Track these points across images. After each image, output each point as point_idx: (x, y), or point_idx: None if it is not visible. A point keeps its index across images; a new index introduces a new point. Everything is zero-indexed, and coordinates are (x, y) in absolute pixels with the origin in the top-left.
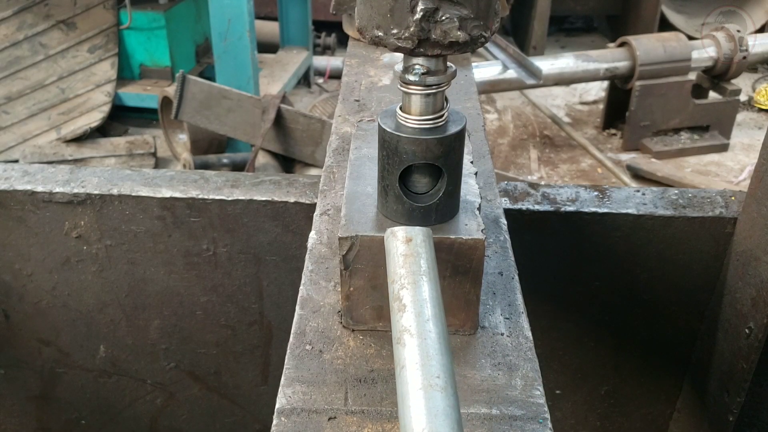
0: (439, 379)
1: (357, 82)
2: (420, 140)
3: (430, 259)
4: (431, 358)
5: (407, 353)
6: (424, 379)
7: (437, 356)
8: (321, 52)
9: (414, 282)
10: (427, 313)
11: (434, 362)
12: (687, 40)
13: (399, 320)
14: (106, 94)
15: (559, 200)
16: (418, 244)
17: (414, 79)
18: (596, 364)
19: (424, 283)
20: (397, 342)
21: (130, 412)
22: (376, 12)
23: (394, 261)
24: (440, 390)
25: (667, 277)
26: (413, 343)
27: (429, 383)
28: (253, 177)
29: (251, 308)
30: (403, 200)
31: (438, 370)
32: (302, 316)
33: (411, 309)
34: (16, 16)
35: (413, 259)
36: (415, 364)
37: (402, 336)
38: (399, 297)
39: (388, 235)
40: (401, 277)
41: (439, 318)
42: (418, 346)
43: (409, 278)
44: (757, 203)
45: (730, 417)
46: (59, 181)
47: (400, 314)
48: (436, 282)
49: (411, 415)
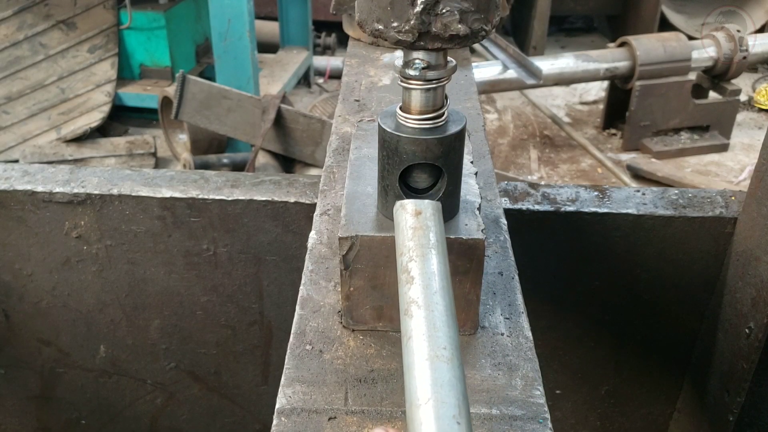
0: (446, 350)
1: (357, 82)
2: (420, 140)
3: (439, 233)
4: (438, 329)
5: (414, 324)
6: (431, 350)
7: (444, 328)
8: (321, 52)
9: (422, 255)
10: (435, 285)
11: (441, 334)
12: (687, 40)
13: (407, 292)
14: (106, 94)
15: (559, 200)
16: (428, 217)
17: (414, 74)
18: (596, 364)
19: (433, 256)
20: (405, 313)
21: (130, 412)
22: (377, 5)
23: (403, 234)
24: (446, 361)
25: (667, 277)
26: (420, 315)
27: (435, 354)
28: (253, 177)
29: (251, 308)
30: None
31: (444, 341)
32: (302, 316)
33: (419, 281)
34: (16, 16)
35: (422, 232)
36: (421, 335)
37: (409, 307)
38: (407, 269)
39: (397, 208)
40: (410, 250)
41: (447, 290)
42: (425, 317)
43: (417, 251)
44: (757, 203)
45: (730, 417)
46: (59, 181)
47: (408, 286)
48: (444, 255)
49: (416, 385)
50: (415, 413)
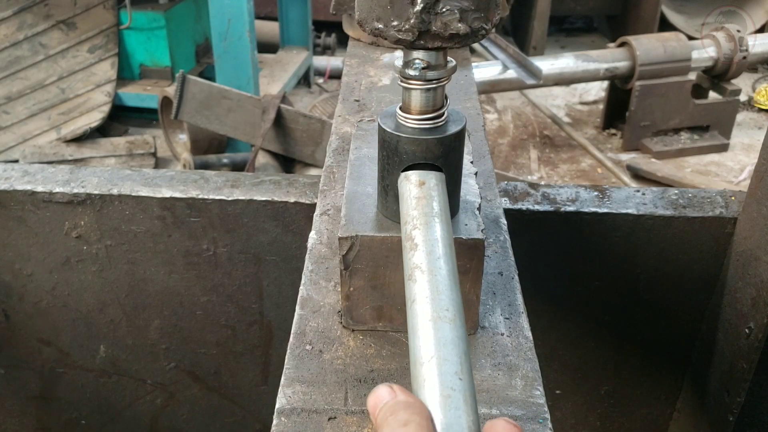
0: (448, 311)
1: (357, 82)
2: (420, 140)
3: (443, 202)
4: (441, 292)
5: (418, 288)
6: (434, 312)
7: (447, 291)
8: (321, 52)
9: (426, 223)
10: (438, 251)
11: (444, 296)
12: (687, 40)
13: (410, 258)
14: (106, 94)
15: (559, 200)
16: (431, 187)
17: (414, 74)
18: (596, 364)
19: (436, 224)
20: (409, 278)
21: (130, 412)
22: (377, 4)
23: (407, 203)
24: (449, 321)
25: (667, 277)
26: (424, 279)
27: (438, 315)
28: (253, 177)
29: (251, 308)
30: None
31: (447, 303)
32: (302, 316)
33: (423, 248)
34: (16, 16)
35: (426, 201)
36: (425, 298)
37: (413, 272)
38: (411, 237)
39: (401, 180)
40: (413, 218)
41: (450, 257)
42: (429, 281)
43: (421, 219)
44: (757, 203)
45: (730, 417)
46: (59, 181)
47: (412, 252)
48: (447, 224)
49: (420, 344)
50: (419, 370)
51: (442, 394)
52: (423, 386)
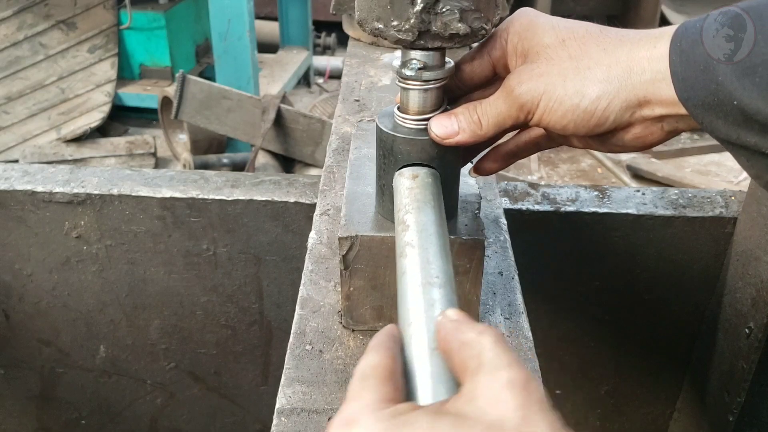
0: (438, 278)
1: (357, 82)
2: (415, 140)
3: (436, 192)
4: (431, 263)
5: (408, 261)
6: (424, 279)
7: (437, 261)
8: (321, 52)
9: (418, 208)
10: (430, 230)
11: (434, 266)
12: None
13: (402, 238)
14: (106, 94)
15: (559, 200)
16: (424, 178)
17: (410, 74)
18: (596, 364)
19: (429, 209)
20: (400, 255)
21: (130, 412)
22: (376, 4)
23: (401, 194)
24: (439, 286)
25: (667, 277)
26: (414, 253)
27: (428, 281)
28: (253, 177)
29: (251, 308)
30: None
31: (437, 271)
32: (302, 316)
33: (414, 228)
34: (16, 16)
35: (419, 191)
36: (415, 268)
37: (404, 249)
38: (403, 221)
39: (396, 176)
40: (406, 205)
41: (442, 236)
42: (419, 254)
43: (413, 204)
44: (757, 203)
45: (730, 417)
46: (59, 181)
47: (404, 233)
48: (441, 210)
49: (409, 307)
50: (407, 330)
51: (429, 347)
52: (410, 344)
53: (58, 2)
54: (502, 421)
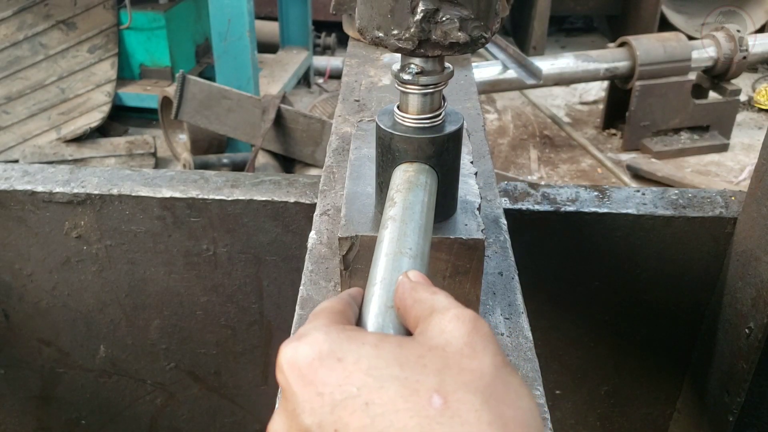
0: (411, 250)
1: (357, 82)
2: (412, 139)
3: (430, 179)
4: (407, 236)
5: (387, 233)
6: (397, 248)
7: (413, 235)
8: (321, 52)
9: (408, 188)
10: (416, 208)
11: (409, 239)
12: (687, 40)
13: (387, 212)
14: (106, 94)
15: (559, 200)
16: (420, 167)
17: (408, 78)
18: (596, 364)
19: (420, 191)
20: (382, 227)
21: (130, 412)
22: (377, 13)
23: (395, 177)
24: (410, 257)
25: (667, 277)
26: (395, 226)
27: (400, 251)
28: (253, 177)
29: (251, 308)
30: None
31: (412, 244)
32: (302, 316)
33: (400, 205)
34: (16, 16)
35: (413, 174)
36: (392, 238)
37: (386, 222)
38: (392, 198)
39: (394, 171)
40: (398, 185)
41: (424, 215)
42: (399, 228)
43: (404, 185)
44: (757, 203)
45: (730, 417)
46: (59, 181)
47: (390, 209)
48: (432, 195)
49: (376, 272)
50: (369, 291)
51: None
52: (369, 302)
53: (58, 2)
54: (444, 346)
